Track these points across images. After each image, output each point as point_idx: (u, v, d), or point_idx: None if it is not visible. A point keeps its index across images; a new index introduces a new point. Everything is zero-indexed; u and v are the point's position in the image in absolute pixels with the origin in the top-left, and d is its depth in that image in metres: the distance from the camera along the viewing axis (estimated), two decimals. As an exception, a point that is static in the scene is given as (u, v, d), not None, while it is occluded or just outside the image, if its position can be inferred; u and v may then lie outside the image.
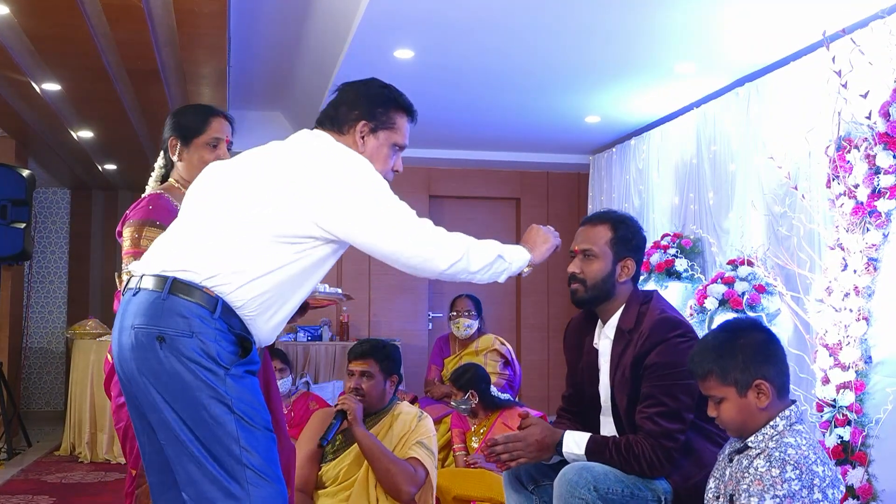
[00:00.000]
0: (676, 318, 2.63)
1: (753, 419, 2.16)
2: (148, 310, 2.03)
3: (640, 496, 2.49)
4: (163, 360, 1.98)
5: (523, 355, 8.16)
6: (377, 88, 2.38)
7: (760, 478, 2.03)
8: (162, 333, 2.00)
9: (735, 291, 4.83)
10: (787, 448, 2.06)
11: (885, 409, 3.63)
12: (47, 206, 9.14)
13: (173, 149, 2.76)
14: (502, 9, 4.47)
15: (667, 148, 6.51)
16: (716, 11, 4.45)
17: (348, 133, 2.30)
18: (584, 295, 2.72)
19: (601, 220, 2.76)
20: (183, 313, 2.00)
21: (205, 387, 1.98)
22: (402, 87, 2.46)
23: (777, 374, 2.18)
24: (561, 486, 2.44)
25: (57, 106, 5.84)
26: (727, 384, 2.16)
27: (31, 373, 8.88)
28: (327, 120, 2.33)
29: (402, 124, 2.37)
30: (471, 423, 4.55)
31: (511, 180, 8.57)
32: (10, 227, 6.16)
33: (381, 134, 2.32)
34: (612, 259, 2.70)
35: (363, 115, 2.31)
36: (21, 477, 5.61)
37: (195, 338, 1.99)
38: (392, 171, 2.37)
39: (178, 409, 1.99)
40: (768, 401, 2.15)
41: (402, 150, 2.40)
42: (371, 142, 2.31)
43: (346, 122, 2.30)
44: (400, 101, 2.38)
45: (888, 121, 3.73)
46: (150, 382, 2.00)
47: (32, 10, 4.18)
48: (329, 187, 2.09)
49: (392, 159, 2.36)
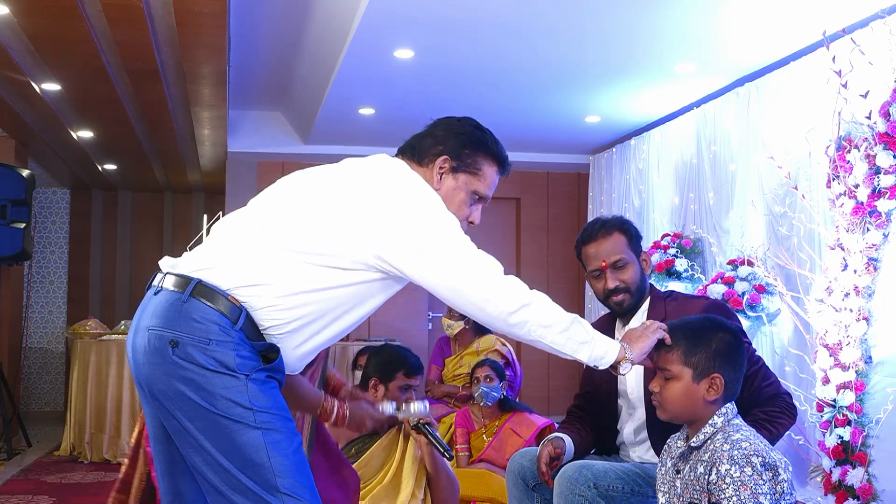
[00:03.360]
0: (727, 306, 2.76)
1: (695, 408, 2.18)
2: (166, 311, 1.90)
3: (640, 493, 2.49)
4: (175, 365, 1.86)
5: (523, 356, 8.15)
6: (470, 128, 2.21)
7: (741, 482, 2.02)
8: (176, 338, 1.87)
9: (735, 291, 4.83)
10: (741, 443, 2.08)
11: (885, 409, 3.63)
12: (47, 206, 9.13)
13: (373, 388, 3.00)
14: (502, 9, 4.47)
15: (667, 148, 6.51)
16: (716, 11, 4.45)
17: (427, 167, 2.14)
18: (632, 301, 2.75)
19: (612, 229, 2.77)
20: (202, 319, 1.88)
21: (220, 396, 1.85)
22: (401, 87, 2.41)
23: (733, 380, 2.20)
24: (561, 484, 2.45)
25: (57, 106, 5.84)
26: (688, 364, 2.18)
27: (31, 373, 8.88)
28: (409, 149, 2.18)
29: (487, 173, 2.18)
30: (475, 424, 4.55)
31: (511, 180, 8.53)
32: (10, 227, 6.16)
33: (462, 176, 2.15)
34: (637, 260, 2.76)
35: (447, 150, 2.15)
36: (21, 477, 5.61)
37: (212, 345, 1.86)
38: (467, 222, 2.18)
39: (193, 418, 1.87)
40: (716, 396, 2.17)
41: (482, 202, 2.20)
42: (448, 181, 2.15)
43: (427, 155, 2.15)
44: (492, 148, 2.20)
45: (888, 121, 3.73)
46: (162, 388, 1.89)
47: (32, 10, 4.18)
48: (395, 215, 1.96)
49: (469, 207, 2.17)
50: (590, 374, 2.89)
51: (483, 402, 4.48)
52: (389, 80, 5.74)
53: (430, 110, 6.55)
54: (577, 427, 2.79)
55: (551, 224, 8.63)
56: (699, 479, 2.11)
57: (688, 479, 2.16)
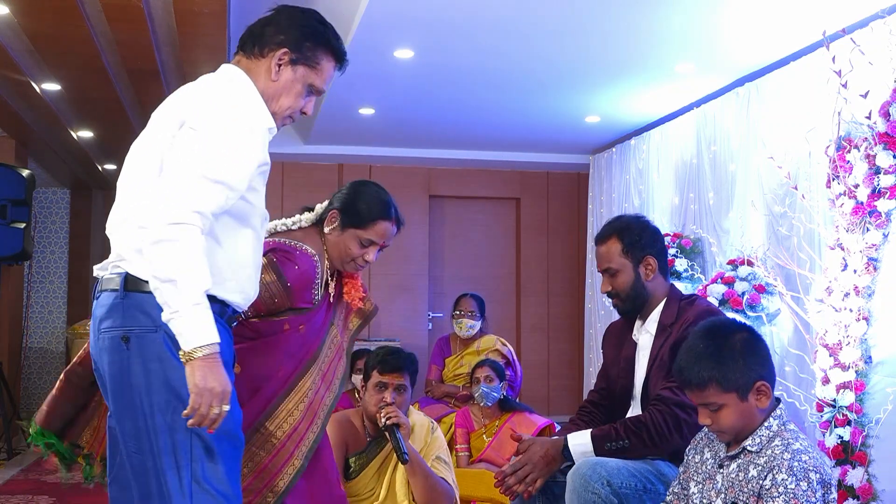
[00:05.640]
0: (721, 313, 2.73)
1: (753, 422, 2.12)
2: (111, 312, 1.98)
3: (652, 490, 2.50)
4: (128, 361, 1.94)
5: (524, 356, 8.16)
6: (314, 22, 2.20)
7: (794, 495, 1.98)
8: (126, 333, 1.94)
9: (735, 291, 4.83)
10: (801, 455, 2.03)
11: (885, 409, 3.63)
12: (47, 206, 9.13)
13: (331, 220, 2.57)
14: (502, 9, 4.47)
15: (667, 148, 6.51)
16: (716, 11, 4.45)
17: (267, 56, 2.14)
18: (624, 306, 2.84)
19: (608, 235, 2.85)
20: (143, 308, 1.94)
21: (168, 390, 1.91)
22: (402, 87, 2.42)
23: (770, 373, 2.14)
24: (575, 481, 2.45)
25: (57, 106, 5.84)
26: (728, 390, 2.09)
27: (31, 373, 8.87)
28: (250, 39, 2.18)
29: (326, 67, 2.20)
30: (475, 424, 4.55)
31: (511, 180, 8.57)
32: (10, 227, 6.15)
33: (301, 69, 2.16)
34: (631, 267, 2.79)
35: (288, 42, 2.14)
36: (21, 477, 5.61)
37: (160, 331, 1.92)
38: (300, 112, 2.21)
39: (140, 417, 1.94)
40: (769, 401, 2.12)
41: (318, 95, 2.23)
42: (287, 73, 2.15)
43: (268, 45, 2.15)
44: (333, 44, 2.20)
45: (888, 121, 3.73)
46: (118, 387, 1.96)
47: (32, 10, 4.18)
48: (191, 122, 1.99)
49: (304, 99, 2.19)
50: (605, 371, 2.93)
51: (483, 402, 4.48)
52: (389, 80, 5.74)
53: (430, 110, 6.61)
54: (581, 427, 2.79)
55: (551, 224, 8.63)
56: (750, 482, 2.07)
57: (734, 479, 2.11)
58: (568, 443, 2.61)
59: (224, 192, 1.96)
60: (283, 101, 2.15)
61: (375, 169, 8.12)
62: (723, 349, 2.11)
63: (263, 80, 2.15)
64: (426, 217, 8.30)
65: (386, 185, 2.72)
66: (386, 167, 8.12)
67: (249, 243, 2.10)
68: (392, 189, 2.83)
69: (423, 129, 7.18)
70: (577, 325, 8.24)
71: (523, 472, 2.60)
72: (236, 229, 2.06)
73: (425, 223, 8.28)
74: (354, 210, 2.55)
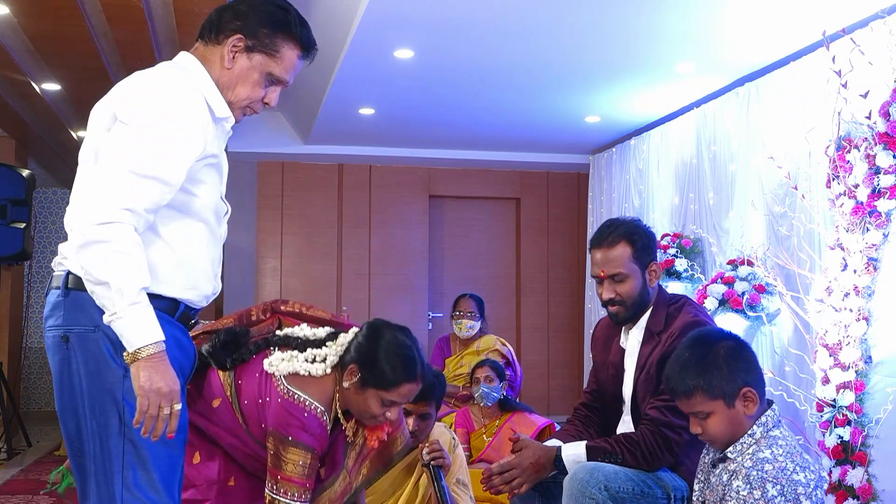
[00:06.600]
0: (708, 324, 2.64)
1: (742, 428, 2.14)
2: (54, 310, 1.94)
3: (650, 494, 2.49)
4: (68, 361, 1.91)
5: (523, 356, 8.16)
6: (272, 7, 2.06)
7: (745, 502, 2.00)
8: (66, 332, 1.90)
9: (735, 291, 4.83)
10: (764, 464, 2.03)
11: (885, 409, 3.63)
12: (47, 206, 9.13)
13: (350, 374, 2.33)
14: (502, 9, 4.47)
15: (667, 148, 6.51)
16: (716, 12, 4.45)
17: (222, 43, 2.04)
18: (627, 314, 2.71)
19: (617, 239, 2.70)
20: (83, 307, 1.89)
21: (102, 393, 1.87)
22: (401, 87, 2.38)
23: (757, 380, 2.16)
24: (572, 486, 2.45)
25: (57, 106, 5.85)
26: (714, 398, 2.11)
27: (31, 373, 8.87)
28: (208, 26, 2.07)
29: (287, 55, 2.07)
30: (475, 424, 4.55)
31: (511, 180, 8.57)
32: (10, 227, 6.15)
33: (257, 56, 2.04)
34: (640, 272, 2.70)
35: (243, 28, 2.02)
36: (21, 477, 5.60)
37: (100, 330, 1.87)
38: (262, 103, 2.11)
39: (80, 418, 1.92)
40: (756, 407, 2.13)
41: (280, 84, 2.11)
42: (242, 61, 2.04)
43: (223, 31, 2.03)
44: (293, 31, 2.06)
45: (888, 121, 3.73)
46: (59, 386, 1.94)
47: (32, 10, 4.18)
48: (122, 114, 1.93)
49: (264, 89, 2.08)
50: (596, 373, 2.90)
51: (483, 402, 4.48)
52: (389, 80, 5.73)
53: (430, 110, 6.61)
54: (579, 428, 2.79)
55: (551, 224, 8.62)
56: (722, 486, 2.10)
57: (714, 483, 2.15)
58: (561, 453, 2.60)
59: (157, 187, 1.87)
60: (240, 91, 2.05)
61: (375, 169, 8.11)
62: (707, 357, 2.13)
63: (218, 68, 2.05)
64: (426, 217, 8.29)
65: (386, 185, 2.70)
66: (386, 167, 8.11)
67: (202, 238, 2.02)
68: (392, 189, 2.83)
69: (423, 129, 7.18)
70: (577, 325, 8.24)
71: (510, 476, 2.58)
72: (183, 224, 1.99)
73: (425, 223, 8.28)
74: (377, 370, 2.31)
